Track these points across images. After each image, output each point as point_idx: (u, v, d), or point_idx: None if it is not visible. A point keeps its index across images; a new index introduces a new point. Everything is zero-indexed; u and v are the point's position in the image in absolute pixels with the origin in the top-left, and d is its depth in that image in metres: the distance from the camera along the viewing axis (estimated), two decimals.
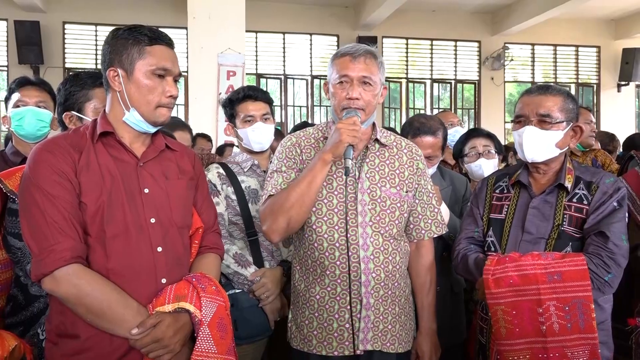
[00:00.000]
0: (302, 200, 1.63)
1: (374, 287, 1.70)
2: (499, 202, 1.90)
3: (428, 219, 1.85)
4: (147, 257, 1.43)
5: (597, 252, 1.65)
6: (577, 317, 1.60)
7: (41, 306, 1.64)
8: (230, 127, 2.30)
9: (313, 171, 1.64)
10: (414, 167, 1.82)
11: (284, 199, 1.65)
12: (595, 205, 1.72)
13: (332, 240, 1.70)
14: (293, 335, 1.80)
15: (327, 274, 1.70)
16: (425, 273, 1.87)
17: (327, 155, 1.64)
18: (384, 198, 1.73)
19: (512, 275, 1.65)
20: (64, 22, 7.94)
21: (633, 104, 9.96)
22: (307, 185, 1.63)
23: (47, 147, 1.41)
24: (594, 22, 9.55)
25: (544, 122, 1.75)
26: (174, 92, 1.48)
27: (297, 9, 8.53)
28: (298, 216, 1.65)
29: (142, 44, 1.43)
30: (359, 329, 1.69)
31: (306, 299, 1.75)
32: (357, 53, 1.71)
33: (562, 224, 1.74)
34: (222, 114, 5.14)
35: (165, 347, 1.37)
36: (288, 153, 1.78)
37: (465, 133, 2.83)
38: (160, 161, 1.54)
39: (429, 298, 1.87)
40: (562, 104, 1.77)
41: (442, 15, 8.99)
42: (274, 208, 1.66)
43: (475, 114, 9.52)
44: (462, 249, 1.92)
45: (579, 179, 1.79)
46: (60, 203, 1.35)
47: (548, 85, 1.83)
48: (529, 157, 1.80)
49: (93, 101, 1.79)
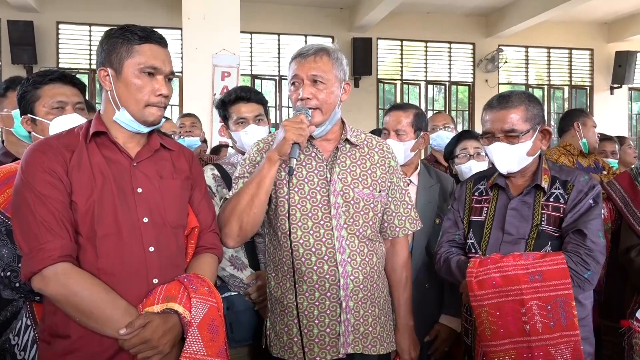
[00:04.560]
0: (252, 202, 1.61)
1: (353, 289, 1.69)
2: (479, 205, 1.92)
3: (402, 216, 1.85)
4: (138, 257, 1.42)
5: (575, 250, 1.69)
6: (559, 315, 1.63)
7: (14, 310, 1.62)
8: (224, 128, 2.29)
9: (261, 172, 1.61)
10: (386, 165, 1.80)
11: (235, 202, 1.64)
12: (572, 203, 1.76)
13: (308, 246, 1.68)
14: (272, 343, 1.77)
15: (304, 279, 1.68)
16: (401, 270, 1.87)
17: (272, 154, 1.61)
18: (357, 199, 1.72)
19: (494, 277, 1.67)
20: (58, 22, 7.89)
21: (626, 106, 10.01)
22: (255, 187, 1.61)
23: (39, 147, 1.42)
24: (587, 25, 9.60)
25: (511, 137, 1.78)
26: (164, 91, 1.47)
27: (292, 10, 8.53)
28: (249, 218, 1.63)
29: (132, 42, 1.43)
30: (340, 332, 1.68)
31: (284, 306, 1.73)
32: (307, 53, 1.68)
33: (540, 224, 1.77)
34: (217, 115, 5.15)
35: (153, 348, 1.36)
36: (252, 159, 1.76)
37: (457, 135, 2.88)
38: (155, 161, 1.53)
39: (405, 295, 1.87)
40: (525, 113, 1.78)
41: (436, 17, 9.02)
42: (226, 212, 1.65)
43: (469, 115, 9.55)
44: (443, 252, 1.95)
45: (554, 179, 1.82)
46: (50, 202, 1.35)
47: (507, 95, 1.83)
48: (503, 170, 1.84)
49: (42, 99, 1.78)
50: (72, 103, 1.82)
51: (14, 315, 1.62)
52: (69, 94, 1.83)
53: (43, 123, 1.77)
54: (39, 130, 1.78)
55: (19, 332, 1.60)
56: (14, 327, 1.60)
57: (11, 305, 1.62)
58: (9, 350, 1.59)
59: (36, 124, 1.78)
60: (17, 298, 1.60)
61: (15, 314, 1.61)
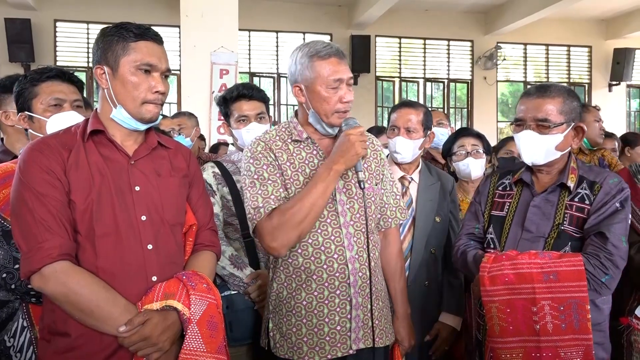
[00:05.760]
0: (315, 212, 1.61)
1: (361, 285, 1.70)
2: (501, 200, 1.89)
3: (392, 207, 1.87)
4: (137, 255, 1.42)
5: (595, 252, 1.63)
6: (572, 318, 1.59)
7: (10, 311, 1.61)
8: (225, 125, 2.27)
9: (325, 183, 1.61)
10: (378, 158, 1.84)
11: (295, 212, 1.60)
12: (598, 205, 1.70)
13: (317, 245, 1.67)
14: (278, 344, 1.73)
15: (313, 278, 1.68)
16: (395, 261, 1.89)
17: (339, 166, 1.62)
18: (360, 194, 1.72)
19: (507, 274, 1.65)
20: (55, 19, 7.88)
21: (624, 103, 10.03)
22: (319, 197, 1.60)
23: (37, 146, 1.41)
24: (585, 22, 9.60)
25: (542, 127, 1.73)
26: (161, 88, 1.46)
27: (290, 8, 8.52)
28: (308, 228, 1.63)
29: (128, 40, 1.43)
30: (350, 329, 1.68)
31: (291, 306, 1.70)
32: (342, 54, 1.69)
33: (562, 223, 1.73)
34: (215, 112, 5.09)
35: (153, 345, 1.37)
36: (264, 159, 1.69)
37: (455, 132, 2.89)
38: (153, 159, 1.53)
39: (400, 284, 1.90)
40: (562, 106, 1.73)
41: (434, 14, 9.02)
42: (283, 222, 1.60)
43: (467, 113, 9.56)
44: (462, 245, 1.92)
45: (582, 179, 1.77)
46: (49, 201, 1.35)
47: (547, 86, 1.79)
48: (528, 160, 1.79)
49: (40, 96, 1.77)
50: (70, 100, 1.81)
51: (9, 317, 1.60)
52: (67, 92, 1.82)
53: (41, 120, 1.77)
54: (36, 127, 1.78)
55: (15, 333, 1.59)
56: (10, 329, 1.59)
57: (7, 307, 1.60)
58: (4, 352, 1.58)
59: (33, 121, 1.78)
60: (13, 299, 1.60)
61: (11, 316, 1.60)
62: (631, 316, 1.89)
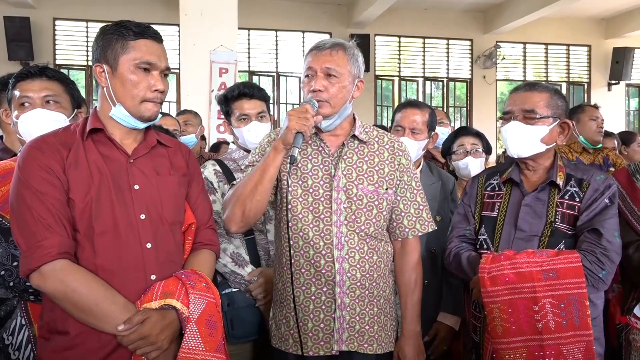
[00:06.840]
0: (256, 189, 1.61)
1: (350, 287, 1.67)
2: (491, 200, 1.90)
3: (412, 216, 1.79)
4: (135, 253, 1.42)
5: (590, 249, 1.66)
6: (573, 314, 1.60)
7: (8, 309, 1.61)
8: (226, 124, 2.28)
9: (266, 160, 1.62)
10: (396, 162, 1.77)
11: (239, 189, 1.65)
12: (588, 202, 1.73)
13: (307, 239, 1.68)
14: (273, 333, 1.79)
15: (301, 272, 1.69)
16: (409, 273, 1.80)
17: (277, 142, 1.61)
18: (361, 196, 1.70)
19: (507, 273, 1.65)
20: (55, 18, 7.88)
21: (623, 102, 10.04)
22: (259, 175, 1.61)
23: (36, 144, 1.41)
24: (584, 22, 9.61)
25: (529, 118, 1.77)
26: (160, 87, 1.46)
27: (289, 7, 8.52)
28: (252, 205, 1.62)
29: (127, 38, 1.43)
30: (334, 329, 1.68)
31: (283, 297, 1.73)
32: (324, 46, 1.69)
33: (554, 221, 1.75)
34: (215, 111, 5.09)
35: (152, 344, 1.37)
36: (262, 150, 1.77)
37: (455, 131, 2.89)
38: (152, 157, 1.53)
39: (413, 299, 1.79)
40: (548, 100, 1.78)
41: (434, 13, 9.01)
42: (232, 197, 1.66)
43: (467, 112, 9.56)
44: (454, 247, 1.92)
45: (570, 176, 1.80)
46: (48, 200, 1.35)
47: (536, 82, 1.85)
48: (513, 152, 1.81)
49: (14, 98, 1.72)
50: (39, 97, 1.72)
51: (8, 315, 1.60)
52: (36, 89, 1.72)
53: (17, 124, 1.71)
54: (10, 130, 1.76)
55: (13, 331, 1.59)
56: (8, 327, 1.59)
57: (5, 305, 1.60)
58: (2, 350, 1.58)
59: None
60: (12, 297, 1.60)
61: (9, 314, 1.60)
62: (630, 315, 1.89)
